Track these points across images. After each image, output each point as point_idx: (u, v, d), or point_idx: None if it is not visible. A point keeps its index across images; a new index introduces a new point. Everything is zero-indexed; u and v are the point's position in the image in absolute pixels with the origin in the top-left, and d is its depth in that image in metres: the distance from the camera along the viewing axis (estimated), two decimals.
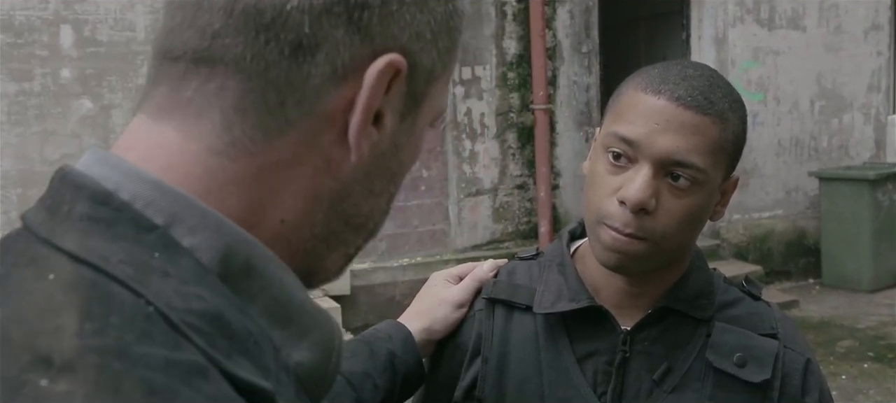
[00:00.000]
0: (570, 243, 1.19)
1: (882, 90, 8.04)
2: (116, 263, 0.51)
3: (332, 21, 0.55)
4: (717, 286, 1.13)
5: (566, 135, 6.74)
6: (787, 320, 1.15)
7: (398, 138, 0.61)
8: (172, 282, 0.51)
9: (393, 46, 0.58)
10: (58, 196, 0.55)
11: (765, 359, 1.07)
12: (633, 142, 1.00)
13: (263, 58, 0.55)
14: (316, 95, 0.56)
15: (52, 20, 5.30)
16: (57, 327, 0.47)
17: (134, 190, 0.54)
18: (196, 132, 0.56)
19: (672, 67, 1.03)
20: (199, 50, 0.56)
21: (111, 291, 0.49)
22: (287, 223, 0.58)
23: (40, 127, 5.32)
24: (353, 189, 0.61)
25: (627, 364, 1.08)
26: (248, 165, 0.56)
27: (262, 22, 0.54)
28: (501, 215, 6.64)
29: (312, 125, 0.57)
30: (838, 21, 7.75)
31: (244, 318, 0.53)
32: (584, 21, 6.79)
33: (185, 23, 0.56)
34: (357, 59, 0.56)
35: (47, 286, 0.50)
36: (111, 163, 0.56)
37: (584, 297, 1.10)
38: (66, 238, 0.52)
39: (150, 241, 0.52)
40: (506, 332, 1.14)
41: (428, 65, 0.61)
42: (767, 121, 7.55)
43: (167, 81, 0.57)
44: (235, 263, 0.54)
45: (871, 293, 6.91)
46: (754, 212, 7.54)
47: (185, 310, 0.50)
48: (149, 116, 0.58)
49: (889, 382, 5.06)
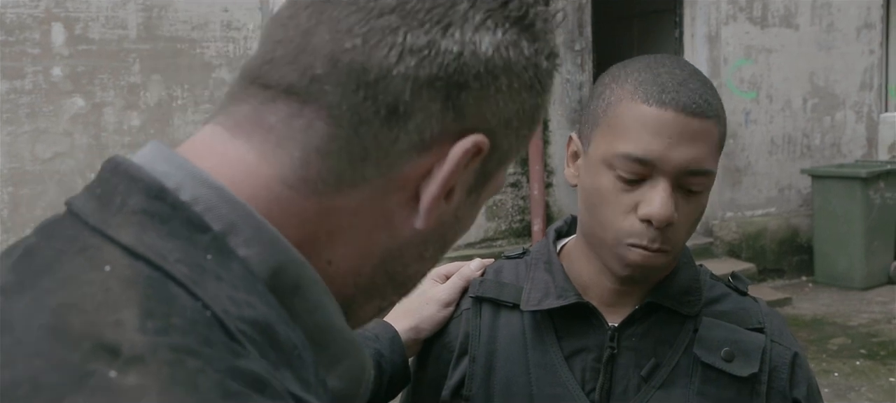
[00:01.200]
0: (556, 241, 1.19)
1: (874, 88, 8.06)
2: (174, 262, 0.51)
3: (432, 94, 0.56)
4: (703, 282, 1.13)
5: (559, 133, 6.74)
6: (774, 314, 1.15)
7: (460, 210, 0.63)
8: (225, 287, 0.51)
9: (481, 128, 0.59)
10: (109, 186, 0.55)
11: (752, 353, 1.07)
12: (648, 160, 0.98)
13: (358, 113, 0.56)
14: (398, 159, 0.57)
15: (43, 18, 5.28)
16: (117, 321, 0.47)
17: (196, 192, 0.54)
18: (273, 159, 0.56)
19: (661, 71, 1.01)
20: (296, 85, 0.56)
21: (171, 291, 0.49)
22: (334, 265, 0.59)
23: (32, 125, 5.30)
24: (406, 251, 0.62)
25: (615, 361, 1.08)
26: (314, 204, 0.57)
27: (366, 79, 0.55)
28: (494, 213, 6.64)
29: (385, 184, 0.58)
30: (831, 19, 7.77)
31: (289, 330, 0.54)
32: (576, 19, 6.79)
33: (286, 59, 0.57)
34: (445, 133, 0.58)
35: (104, 277, 0.49)
36: (176, 162, 0.56)
37: (571, 294, 1.09)
38: (121, 230, 0.52)
39: (203, 243, 0.53)
40: (493, 331, 1.13)
41: (505, 148, 0.63)
42: (760, 119, 7.56)
43: (252, 103, 0.58)
44: (285, 280, 0.55)
45: (864, 290, 6.94)
46: (747, 210, 7.56)
47: (238, 318, 0.50)
48: (226, 130, 0.58)
49: (881, 379, 5.08)
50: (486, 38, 0.58)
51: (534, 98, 0.62)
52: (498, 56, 0.58)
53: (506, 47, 0.59)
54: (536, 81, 0.61)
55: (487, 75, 0.58)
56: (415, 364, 1.21)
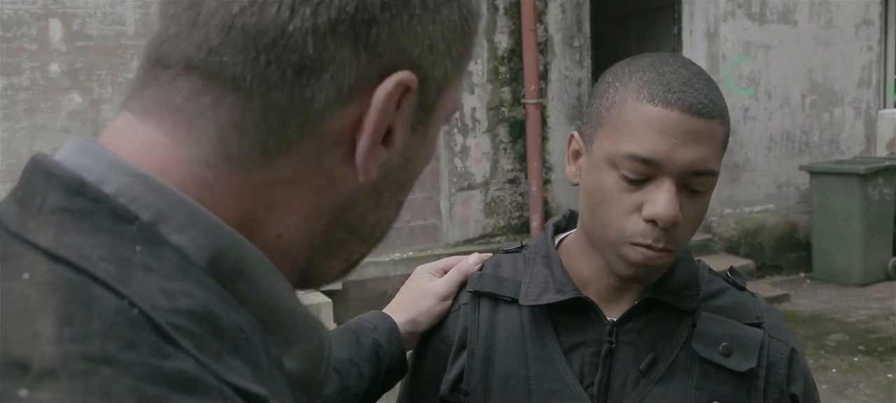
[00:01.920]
0: (554, 235, 1.19)
1: (872, 85, 8.06)
2: (97, 260, 0.48)
3: (338, 41, 0.52)
4: (702, 277, 1.13)
5: (558, 129, 6.74)
6: (772, 310, 1.15)
7: (409, 150, 0.59)
8: (156, 278, 0.48)
9: (403, 62, 0.54)
10: (29, 186, 0.52)
11: (750, 348, 1.07)
12: (654, 160, 0.98)
13: (264, 79, 0.52)
14: (321, 117, 0.53)
15: (40, 14, 5.27)
16: (33, 333, 0.44)
17: (119, 182, 0.51)
18: (187, 140, 0.53)
19: (665, 70, 1.00)
20: (194, 60, 0.53)
21: (92, 293, 0.46)
22: (284, 238, 0.56)
23: (29, 121, 5.30)
24: (358, 203, 0.58)
25: (614, 355, 1.08)
26: (244, 181, 0.53)
27: (263, 42, 0.51)
28: (493, 209, 6.64)
29: (316, 145, 0.54)
30: (829, 15, 7.77)
31: (233, 313, 0.50)
32: (575, 15, 6.78)
33: (181, 35, 0.53)
34: (365, 77, 0.53)
35: (22, 286, 0.47)
36: (96, 153, 0.53)
37: (570, 289, 1.09)
38: (40, 233, 0.49)
39: (130, 234, 0.50)
40: (491, 325, 1.13)
41: (440, 75, 0.58)
42: (759, 115, 7.56)
43: (156, 86, 0.54)
44: (225, 265, 0.52)
45: (862, 287, 6.94)
46: (745, 207, 7.56)
47: (171, 310, 0.47)
48: (136, 116, 0.55)
49: (879, 375, 5.08)
50: None
51: (456, 11, 0.57)
52: None
53: None
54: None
55: (396, 2, 0.53)
56: (413, 358, 1.21)
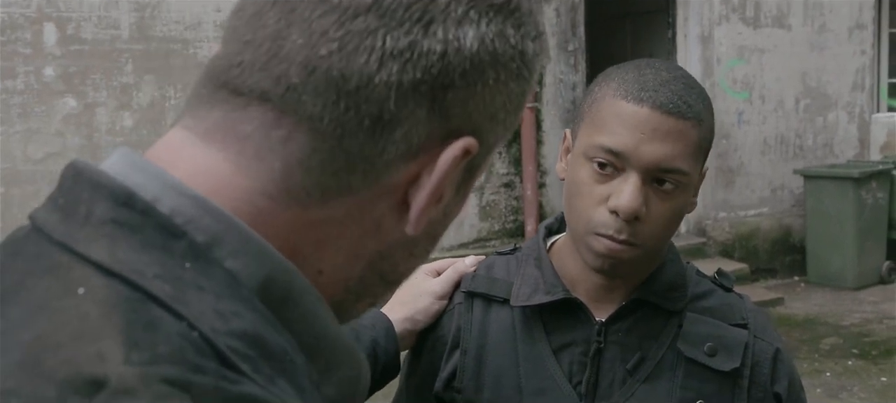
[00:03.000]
0: (546, 238, 1.21)
1: (866, 89, 8.09)
2: (152, 278, 0.48)
3: (417, 100, 0.53)
4: (689, 278, 1.16)
5: (552, 133, 6.75)
6: (758, 311, 1.17)
7: (449, 207, 0.61)
8: (209, 298, 0.49)
9: (467, 126, 0.56)
10: (72, 195, 0.52)
11: (734, 348, 1.10)
12: (620, 153, 1.01)
13: (341, 124, 0.52)
14: (385, 169, 0.54)
15: (35, 18, 5.27)
16: (98, 353, 0.44)
17: (174, 204, 0.51)
18: (250, 170, 0.53)
19: (646, 71, 1.04)
20: (270, 93, 0.52)
21: (153, 314, 0.46)
22: (325, 274, 0.57)
23: (24, 125, 5.29)
24: (396, 252, 0.60)
25: (602, 355, 1.10)
26: (298, 216, 0.54)
27: (346, 88, 0.51)
28: (488, 213, 6.65)
29: (373, 193, 0.55)
30: (823, 20, 7.80)
31: (277, 335, 0.51)
32: (570, 19, 6.80)
33: (257, 65, 0.53)
34: (432, 137, 0.55)
35: (79, 303, 0.46)
36: (150, 171, 0.52)
37: (559, 290, 1.12)
38: (91, 245, 0.49)
39: (180, 250, 0.50)
40: (484, 325, 1.16)
41: (492, 140, 0.60)
42: (753, 119, 7.58)
43: (222, 108, 0.54)
44: (275, 290, 0.52)
45: (856, 290, 6.96)
46: (740, 210, 7.58)
47: (227, 333, 0.48)
48: (197, 137, 0.55)
49: (873, 379, 5.10)
50: (470, 32, 0.54)
51: (521, 85, 0.59)
52: (484, 50, 0.55)
53: (491, 40, 0.55)
54: (524, 68, 0.58)
55: (473, 72, 0.55)
56: (410, 356, 1.24)
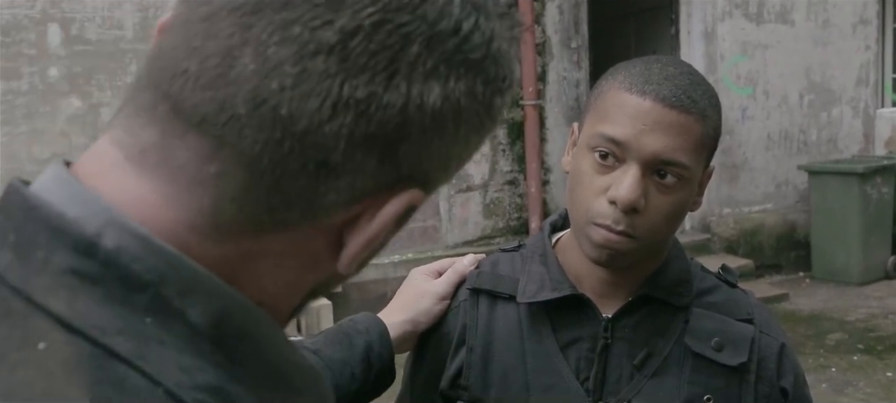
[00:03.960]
0: (551, 234, 1.21)
1: (870, 84, 8.07)
2: (114, 335, 0.46)
3: (367, 151, 0.50)
4: (694, 274, 1.16)
5: (556, 130, 6.75)
6: (763, 307, 1.18)
7: (387, 239, 0.57)
8: (171, 353, 0.47)
9: (417, 176, 0.53)
10: (25, 234, 0.49)
11: (741, 343, 1.10)
12: (621, 142, 1.02)
13: (281, 165, 0.49)
14: (324, 212, 0.52)
15: (39, 19, 5.28)
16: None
17: (118, 240, 0.48)
18: (179, 203, 0.50)
19: (653, 66, 1.05)
20: (210, 121, 0.48)
21: (119, 373, 0.45)
22: (265, 304, 0.54)
23: (29, 126, 5.31)
24: (332, 282, 0.59)
25: (609, 351, 1.10)
26: (230, 249, 0.51)
27: (292, 130, 0.48)
28: (492, 211, 6.65)
29: (309, 232, 0.53)
30: (826, 15, 7.78)
31: (241, 390, 0.49)
32: (573, 16, 6.79)
33: (202, 80, 0.48)
34: (378, 186, 0.52)
35: (40, 358, 0.45)
36: (91, 203, 0.49)
37: (565, 286, 1.12)
38: (50, 296, 0.46)
39: (141, 305, 0.47)
40: (490, 322, 1.15)
41: (440, 185, 0.57)
42: (757, 115, 7.57)
43: (158, 129, 0.50)
44: (230, 327, 0.50)
45: (861, 286, 6.94)
46: (744, 206, 7.57)
47: (193, 387, 0.46)
48: (128, 160, 0.51)
49: (878, 374, 5.09)
50: (435, 88, 0.50)
51: (481, 135, 0.55)
52: (448, 107, 0.51)
53: (458, 98, 0.51)
54: (487, 120, 0.55)
55: (433, 127, 0.51)
56: (412, 356, 1.23)
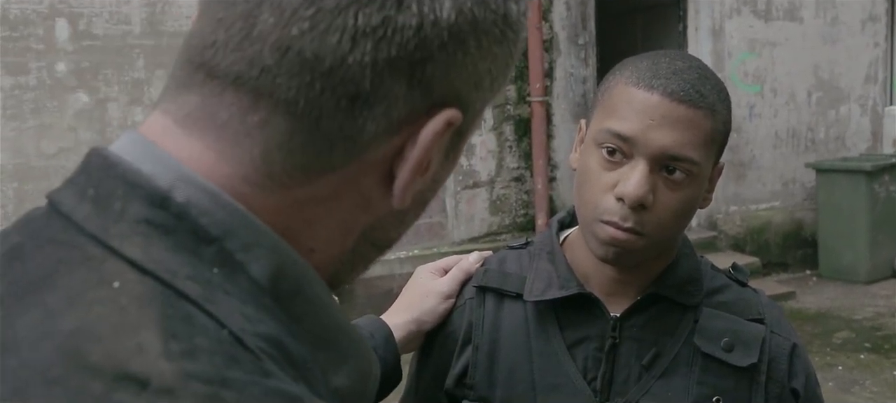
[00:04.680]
0: (559, 232, 1.20)
1: (879, 81, 8.04)
2: (184, 279, 0.48)
3: (394, 76, 0.52)
4: (704, 273, 1.15)
5: (563, 127, 6.74)
6: (774, 306, 1.16)
7: (438, 173, 0.60)
8: (234, 302, 0.49)
9: (450, 96, 0.55)
10: (104, 188, 0.51)
11: (752, 344, 1.09)
12: (628, 138, 1.00)
13: (318, 106, 0.51)
14: (367, 146, 0.54)
15: (47, 14, 5.29)
16: (138, 346, 0.45)
17: (188, 194, 0.51)
18: (230, 157, 0.53)
19: (661, 60, 1.03)
20: (245, 77, 0.51)
21: (187, 310, 0.47)
22: (317, 252, 0.57)
23: (36, 121, 5.32)
24: (387, 222, 0.60)
25: (617, 350, 1.09)
26: (283, 198, 0.54)
27: (320, 69, 0.50)
28: (498, 207, 6.64)
29: (356, 169, 0.55)
30: (835, 12, 7.75)
31: (297, 344, 0.52)
32: (580, 13, 6.78)
33: (231, 45, 0.52)
34: (414, 111, 0.54)
35: (115, 296, 0.47)
36: (163, 160, 0.52)
37: (573, 285, 1.11)
38: (125, 242, 0.49)
39: (209, 255, 0.50)
40: (496, 320, 1.14)
41: (479, 106, 0.59)
42: (764, 112, 7.55)
43: (200, 94, 0.53)
44: (285, 285, 0.52)
45: (868, 284, 6.92)
46: (751, 204, 7.55)
47: (254, 334, 0.48)
48: (177, 124, 0.54)
49: (885, 373, 5.08)
50: (446, 2, 0.52)
51: (506, 47, 0.57)
52: (462, 19, 0.53)
53: (470, 8, 0.53)
54: (508, 29, 0.56)
55: (453, 42, 0.53)
56: (418, 354, 1.23)
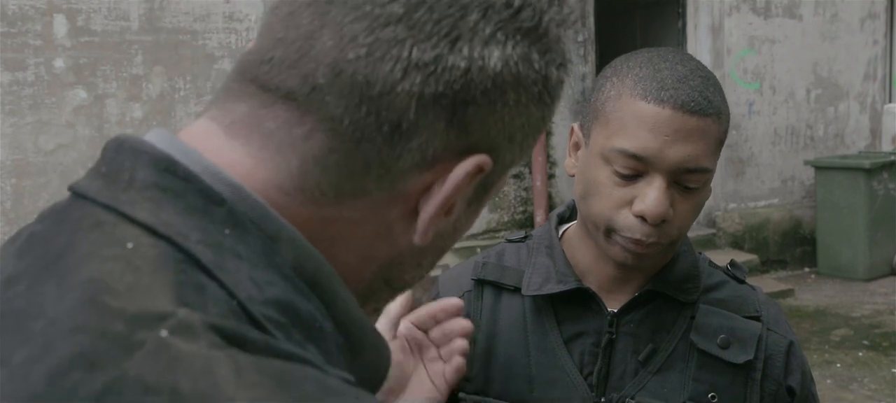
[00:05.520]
0: (558, 225, 1.20)
1: (878, 79, 8.04)
2: (196, 243, 0.50)
3: (437, 112, 0.54)
4: (702, 269, 1.15)
5: (562, 124, 6.73)
6: (771, 303, 1.17)
7: (459, 222, 0.61)
8: (245, 267, 0.50)
9: (483, 143, 0.57)
10: (114, 163, 0.53)
11: (748, 341, 1.09)
12: (643, 157, 0.99)
13: (361, 128, 0.53)
14: (400, 176, 0.56)
15: (45, 9, 5.28)
16: (154, 304, 0.46)
17: (210, 184, 0.53)
18: (270, 165, 0.55)
19: (662, 66, 1.01)
20: (296, 92, 0.54)
21: (200, 279, 0.48)
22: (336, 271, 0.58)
23: (34, 117, 5.31)
24: (405, 260, 0.61)
25: (614, 346, 1.09)
26: (313, 213, 0.55)
27: (369, 94, 0.53)
28: (497, 204, 6.65)
29: (386, 198, 0.56)
30: (834, 9, 7.75)
31: (307, 302, 0.53)
32: (579, 10, 6.77)
33: (286, 62, 0.54)
34: (448, 150, 0.56)
35: (128, 256, 0.48)
36: (187, 153, 0.54)
37: (571, 280, 1.11)
38: (136, 207, 0.51)
39: (220, 216, 0.52)
40: (494, 313, 1.15)
41: (508, 161, 0.61)
42: (763, 110, 7.55)
43: (249, 104, 0.56)
44: (304, 275, 0.54)
45: (866, 282, 6.93)
46: (750, 202, 7.55)
47: (262, 302, 0.50)
48: (222, 129, 0.56)
49: (883, 370, 5.08)
50: (495, 52, 0.55)
51: (541, 110, 0.60)
52: (507, 71, 0.55)
53: (516, 62, 0.56)
54: (545, 93, 0.59)
55: (495, 91, 0.55)
56: None
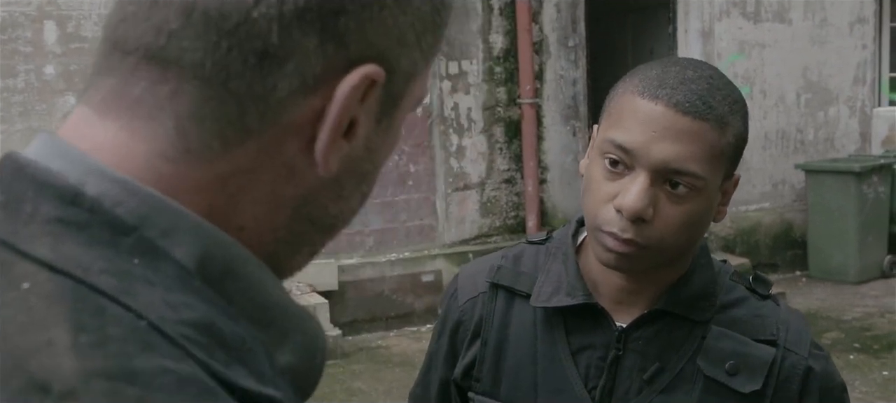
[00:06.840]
0: (576, 232, 1.17)
1: (867, 83, 8.08)
2: (98, 273, 0.46)
3: (304, 29, 0.50)
4: (721, 284, 1.11)
5: (553, 129, 6.74)
6: (795, 320, 1.11)
7: (372, 141, 0.56)
8: (158, 291, 0.47)
9: (370, 54, 0.52)
10: (15, 192, 0.49)
11: (757, 369, 1.05)
12: (629, 149, 0.98)
13: (225, 66, 0.49)
14: (282, 107, 0.51)
15: (35, 16, 5.25)
16: (48, 341, 0.43)
17: (100, 187, 0.49)
18: (146, 134, 0.51)
19: (671, 69, 1.00)
20: (153, 47, 0.50)
21: (100, 303, 0.45)
22: (246, 229, 0.54)
23: (25, 124, 5.28)
24: (319, 194, 0.56)
25: (620, 362, 1.08)
26: (205, 173, 0.51)
27: (225, 27, 0.49)
28: (489, 209, 6.64)
29: (276, 135, 0.52)
30: (824, 14, 7.78)
31: (232, 324, 0.49)
32: (570, 15, 6.78)
33: (140, 16, 0.50)
34: (330, 68, 0.51)
35: (23, 296, 0.45)
36: (70, 155, 0.50)
37: (580, 293, 1.10)
38: (35, 243, 0.47)
39: (127, 246, 0.48)
40: (506, 318, 1.15)
41: (408, 67, 0.56)
42: (754, 114, 7.55)
43: (115, 75, 0.52)
44: (213, 266, 0.50)
45: (857, 285, 6.94)
46: (741, 205, 7.56)
47: (178, 322, 0.46)
48: (93, 110, 0.52)
49: (874, 373, 5.10)
50: None
51: (429, 2, 0.54)
52: None
53: None
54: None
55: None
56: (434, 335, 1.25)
